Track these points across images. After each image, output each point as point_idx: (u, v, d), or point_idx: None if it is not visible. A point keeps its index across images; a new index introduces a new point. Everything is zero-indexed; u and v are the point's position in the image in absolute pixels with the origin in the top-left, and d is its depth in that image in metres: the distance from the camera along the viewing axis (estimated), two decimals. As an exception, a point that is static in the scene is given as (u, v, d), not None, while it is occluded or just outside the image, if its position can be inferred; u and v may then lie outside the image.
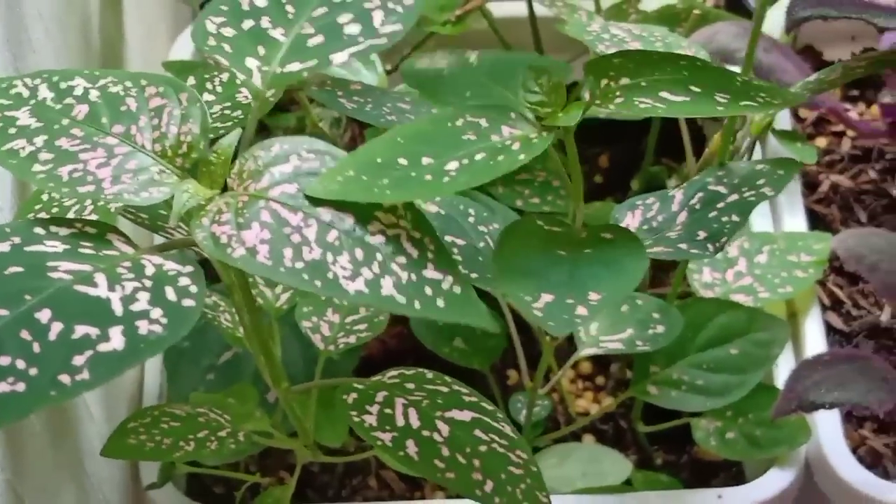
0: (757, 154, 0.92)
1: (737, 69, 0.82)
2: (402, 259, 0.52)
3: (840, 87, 0.99)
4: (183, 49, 0.98)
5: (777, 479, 0.81)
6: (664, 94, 0.58)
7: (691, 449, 0.90)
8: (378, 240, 0.52)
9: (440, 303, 0.51)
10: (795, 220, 0.90)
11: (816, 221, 0.93)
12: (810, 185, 0.95)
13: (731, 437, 0.83)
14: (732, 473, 0.89)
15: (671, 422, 0.85)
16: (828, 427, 0.81)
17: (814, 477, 0.82)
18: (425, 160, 0.55)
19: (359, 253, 0.51)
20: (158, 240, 0.61)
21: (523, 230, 0.60)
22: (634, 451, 0.91)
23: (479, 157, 0.56)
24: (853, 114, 0.98)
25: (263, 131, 0.98)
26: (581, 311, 0.55)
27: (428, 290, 0.51)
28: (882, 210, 0.93)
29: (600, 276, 0.57)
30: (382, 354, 0.93)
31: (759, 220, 0.91)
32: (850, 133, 0.96)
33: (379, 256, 0.51)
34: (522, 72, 0.59)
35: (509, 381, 0.93)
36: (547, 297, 0.56)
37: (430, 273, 0.52)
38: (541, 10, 0.93)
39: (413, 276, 0.51)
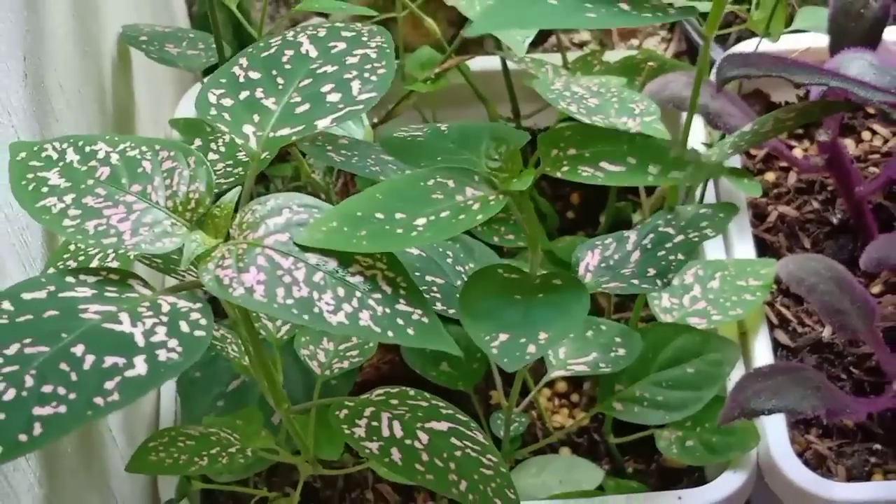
0: (710, 187, 1.02)
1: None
2: (377, 295, 0.61)
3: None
4: (187, 108, 1.07)
5: (731, 481, 0.89)
6: (604, 164, 0.67)
7: (659, 458, 0.98)
8: (357, 279, 0.61)
9: (410, 331, 0.60)
10: (745, 248, 0.99)
11: (765, 249, 1.01)
12: (759, 216, 1.03)
13: (691, 444, 0.91)
14: (695, 478, 0.98)
15: (638, 434, 0.94)
16: (775, 433, 0.90)
17: (765, 478, 0.91)
18: (398, 215, 0.64)
19: (340, 291, 0.60)
20: (170, 281, 0.71)
21: (485, 277, 0.70)
22: (607, 461, 0.99)
23: (444, 214, 0.65)
24: (798, 150, 1.07)
25: (264, 180, 1.08)
26: (531, 349, 0.65)
27: (400, 321, 0.61)
28: (824, 237, 1.02)
29: (549, 317, 0.67)
30: (377, 379, 1.02)
31: (712, 249, 1.00)
32: (796, 167, 1.05)
33: (358, 293, 0.61)
34: (486, 139, 0.69)
35: (492, 401, 1.02)
36: (503, 337, 0.65)
37: (402, 307, 0.61)
38: (513, 64, 1.02)
39: (387, 310, 0.61)
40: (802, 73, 0.78)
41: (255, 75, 0.68)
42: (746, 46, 1.06)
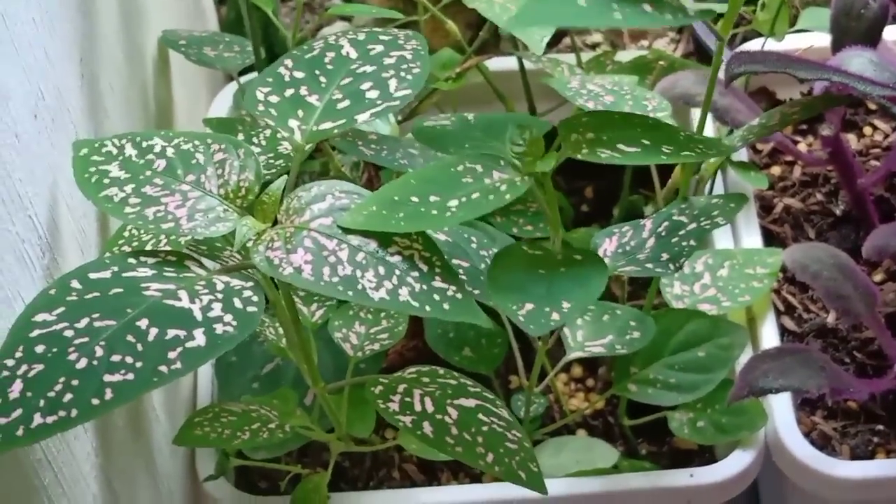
0: (719, 181, 1.07)
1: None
2: (415, 273, 0.66)
3: (792, 123, 1.13)
4: (220, 108, 1.11)
5: (740, 459, 0.94)
6: (621, 146, 0.72)
7: (670, 440, 1.03)
8: (396, 259, 0.66)
9: (446, 306, 0.66)
10: (752, 239, 1.03)
11: (772, 239, 1.06)
12: (766, 208, 1.08)
13: (702, 425, 0.95)
14: (706, 459, 1.02)
15: (650, 416, 0.99)
16: (782, 414, 0.94)
17: (772, 457, 0.95)
18: (432, 198, 0.69)
19: (381, 269, 0.66)
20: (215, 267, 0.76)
21: (511, 254, 0.75)
22: (622, 442, 1.04)
23: (474, 196, 0.70)
24: (803, 145, 1.12)
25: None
26: (555, 316, 0.70)
27: (436, 297, 0.66)
28: (828, 227, 1.07)
29: (571, 289, 0.72)
30: (401, 365, 1.06)
31: (721, 239, 1.04)
32: (800, 161, 1.10)
33: (397, 272, 0.66)
34: (510, 128, 0.74)
35: (511, 385, 1.06)
36: (529, 306, 0.70)
37: (438, 283, 0.66)
38: (530, 64, 1.07)
39: (424, 286, 0.66)
40: (806, 69, 0.82)
41: (299, 75, 0.73)
42: (752, 46, 1.11)
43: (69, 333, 0.60)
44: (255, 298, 0.64)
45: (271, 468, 0.97)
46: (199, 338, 0.61)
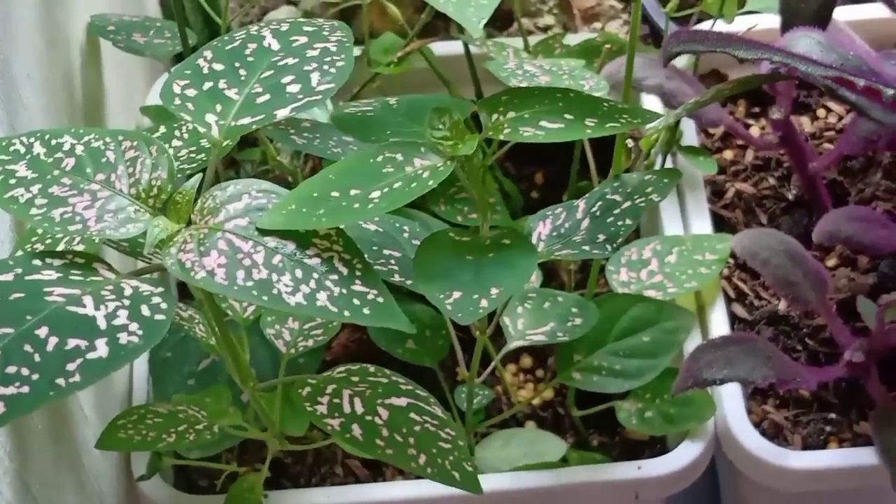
0: (669, 166, 1.05)
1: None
2: (334, 276, 0.64)
3: (744, 106, 1.10)
4: (158, 95, 1.09)
5: (689, 451, 0.92)
6: (543, 123, 0.70)
7: (621, 430, 1.01)
8: (315, 261, 0.64)
9: (366, 311, 0.63)
10: (702, 224, 1.01)
11: (723, 225, 1.04)
12: (717, 193, 1.06)
13: (650, 415, 0.94)
14: (657, 450, 1.00)
15: (599, 406, 0.97)
16: (732, 404, 0.92)
17: (722, 448, 0.94)
18: (353, 191, 0.67)
19: (299, 272, 0.63)
20: (140, 264, 0.73)
21: (438, 240, 0.73)
22: (572, 434, 1.02)
23: (396, 185, 0.68)
24: (756, 128, 1.09)
25: (234, 165, 1.10)
26: (484, 303, 0.68)
27: (356, 301, 0.63)
28: (780, 212, 1.04)
29: (500, 274, 0.70)
30: (345, 357, 1.04)
31: (670, 225, 1.02)
32: (752, 145, 1.08)
33: (315, 275, 0.63)
34: (429, 112, 0.71)
35: (458, 377, 1.04)
36: (456, 294, 0.68)
37: (358, 287, 0.64)
38: (476, 48, 1.05)
39: (343, 290, 0.63)
40: (746, 49, 0.80)
41: (218, 67, 0.71)
42: (704, 28, 1.09)
43: (-37, 341, 0.58)
44: (163, 306, 0.61)
45: (210, 466, 0.95)
46: (102, 348, 0.59)
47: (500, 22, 1.25)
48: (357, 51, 1.05)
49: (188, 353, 0.93)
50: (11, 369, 0.57)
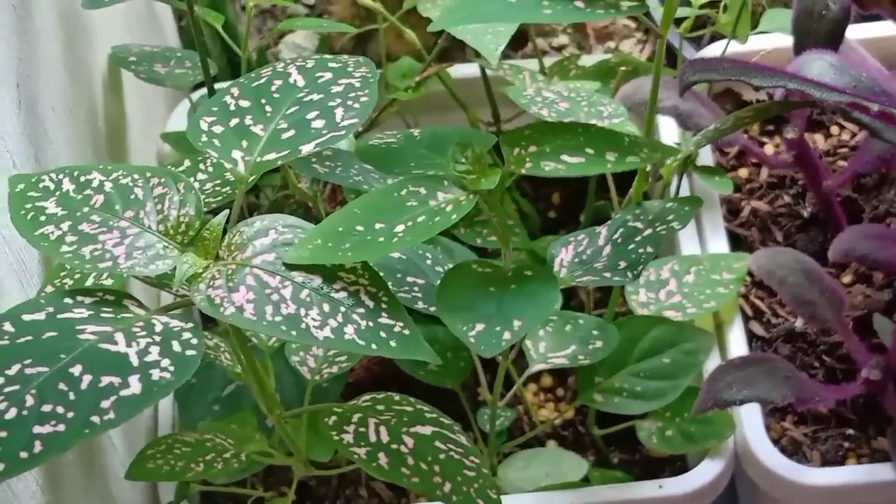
0: (685, 185, 1.06)
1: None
2: (361, 310, 0.65)
3: (759, 124, 1.11)
4: (177, 122, 1.10)
5: (709, 469, 0.93)
6: (564, 157, 0.71)
7: (642, 448, 1.02)
8: (341, 295, 0.65)
9: (392, 343, 0.64)
10: (719, 243, 1.02)
11: (739, 243, 1.05)
12: (733, 211, 1.07)
13: (670, 434, 0.95)
14: (677, 467, 1.02)
15: (620, 425, 0.98)
16: (751, 421, 0.93)
17: (742, 465, 0.94)
18: (378, 225, 0.68)
19: (326, 306, 0.64)
20: (166, 297, 0.74)
21: (461, 272, 0.74)
22: (593, 452, 1.03)
23: (420, 219, 0.69)
24: (770, 146, 1.10)
25: (254, 189, 1.11)
26: (507, 336, 0.69)
27: (382, 334, 0.64)
28: (795, 230, 1.05)
29: (522, 306, 0.70)
30: (368, 379, 1.05)
31: (688, 244, 1.03)
32: (767, 164, 1.08)
33: (342, 308, 0.64)
34: (452, 145, 0.72)
35: (480, 398, 1.05)
36: (479, 326, 0.69)
37: (384, 320, 0.65)
38: (492, 71, 1.05)
39: (370, 323, 0.64)
40: (761, 76, 0.81)
41: (245, 103, 0.71)
42: (717, 48, 1.10)
43: None
44: (194, 341, 0.62)
45: (236, 492, 0.96)
46: (135, 385, 0.60)
47: (514, 42, 1.26)
48: (375, 75, 1.06)
49: (213, 378, 0.94)
50: (47, 408, 0.58)
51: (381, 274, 0.67)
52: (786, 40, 0.97)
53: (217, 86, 0.98)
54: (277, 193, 1.07)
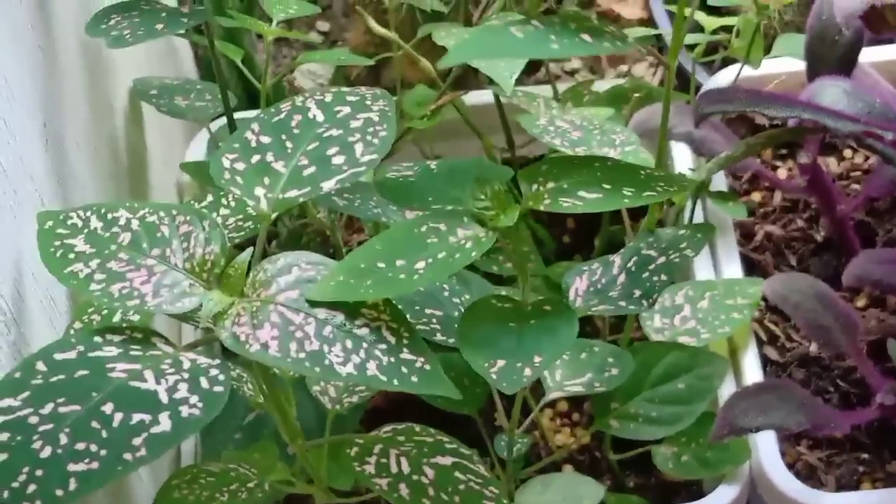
0: (698, 210, 1.07)
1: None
2: (382, 346, 0.66)
3: (771, 149, 1.12)
4: (196, 151, 1.12)
5: (725, 494, 0.94)
6: (581, 193, 0.72)
7: (658, 473, 1.03)
8: (364, 331, 0.66)
9: (414, 379, 0.65)
10: (732, 268, 1.03)
11: (753, 267, 1.06)
12: (747, 235, 1.08)
13: (686, 459, 0.95)
14: (693, 491, 1.02)
15: (636, 450, 0.99)
16: (766, 446, 0.94)
17: (758, 490, 0.95)
18: (399, 262, 0.69)
19: (349, 343, 0.65)
20: (187, 328, 0.75)
21: (481, 307, 0.74)
22: (609, 477, 1.04)
23: (440, 255, 0.70)
24: (783, 170, 1.11)
25: (272, 217, 1.12)
26: (527, 372, 0.70)
27: (404, 369, 0.65)
28: (809, 254, 1.06)
29: (542, 342, 0.71)
30: (387, 405, 1.06)
31: (702, 269, 1.04)
32: (780, 189, 1.10)
33: (364, 344, 0.65)
34: (471, 180, 0.73)
35: (496, 423, 1.06)
36: (500, 363, 0.70)
37: (406, 355, 0.66)
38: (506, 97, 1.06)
39: (392, 359, 0.65)
40: (775, 106, 0.82)
41: (265, 140, 0.72)
42: (730, 72, 1.11)
43: (34, 420, 0.60)
44: (221, 377, 0.63)
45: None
46: (165, 422, 0.61)
47: (527, 66, 1.27)
48: (390, 102, 1.08)
49: (235, 407, 0.95)
50: (80, 446, 0.59)
51: (400, 307, 0.68)
52: (799, 64, 0.98)
53: (236, 115, 0.99)
54: (295, 222, 1.08)
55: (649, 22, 1.32)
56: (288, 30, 1.26)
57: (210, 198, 0.80)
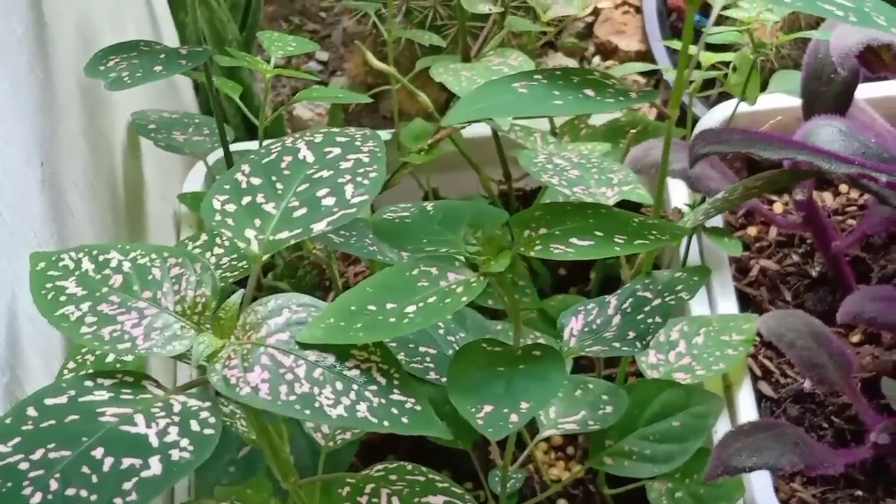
0: (694, 244, 1.07)
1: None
2: (373, 387, 0.66)
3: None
4: (195, 182, 1.12)
5: (719, 532, 0.94)
6: (573, 240, 0.72)
7: (652, 507, 1.03)
8: (354, 373, 0.66)
9: (405, 420, 0.65)
10: (728, 304, 1.03)
11: (748, 302, 1.06)
12: (742, 270, 1.08)
13: (680, 496, 0.95)
14: (688, 527, 1.03)
15: (630, 485, 0.99)
16: (760, 484, 0.94)
17: (751, 527, 0.95)
18: (389, 305, 0.69)
19: (339, 384, 0.65)
20: (182, 367, 0.75)
21: (470, 352, 0.74)
22: (603, 511, 1.04)
23: (431, 300, 0.70)
24: (779, 204, 1.12)
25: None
26: (514, 418, 0.70)
27: (395, 410, 0.65)
28: (804, 289, 1.07)
29: (530, 388, 0.71)
30: (380, 438, 1.07)
31: (697, 305, 1.04)
32: (775, 224, 1.10)
33: (355, 386, 0.65)
34: (464, 223, 0.74)
35: (491, 457, 1.06)
36: (487, 408, 0.70)
37: (396, 396, 0.66)
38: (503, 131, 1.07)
39: (382, 400, 0.65)
40: (770, 148, 0.82)
41: (256, 181, 0.73)
42: (727, 106, 1.11)
43: (24, 466, 0.60)
44: (211, 420, 0.64)
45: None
46: (155, 466, 0.61)
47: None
48: (387, 134, 1.08)
49: (229, 441, 0.95)
50: (71, 491, 0.59)
51: (394, 344, 0.68)
52: (796, 99, 0.99)
53: (236, 146, 1.00)
54: (292, 254, 1.09)
55: (647, 54, 1.32)
56: (286, 66, 1.26)
57: (204, 237, 0.80)
